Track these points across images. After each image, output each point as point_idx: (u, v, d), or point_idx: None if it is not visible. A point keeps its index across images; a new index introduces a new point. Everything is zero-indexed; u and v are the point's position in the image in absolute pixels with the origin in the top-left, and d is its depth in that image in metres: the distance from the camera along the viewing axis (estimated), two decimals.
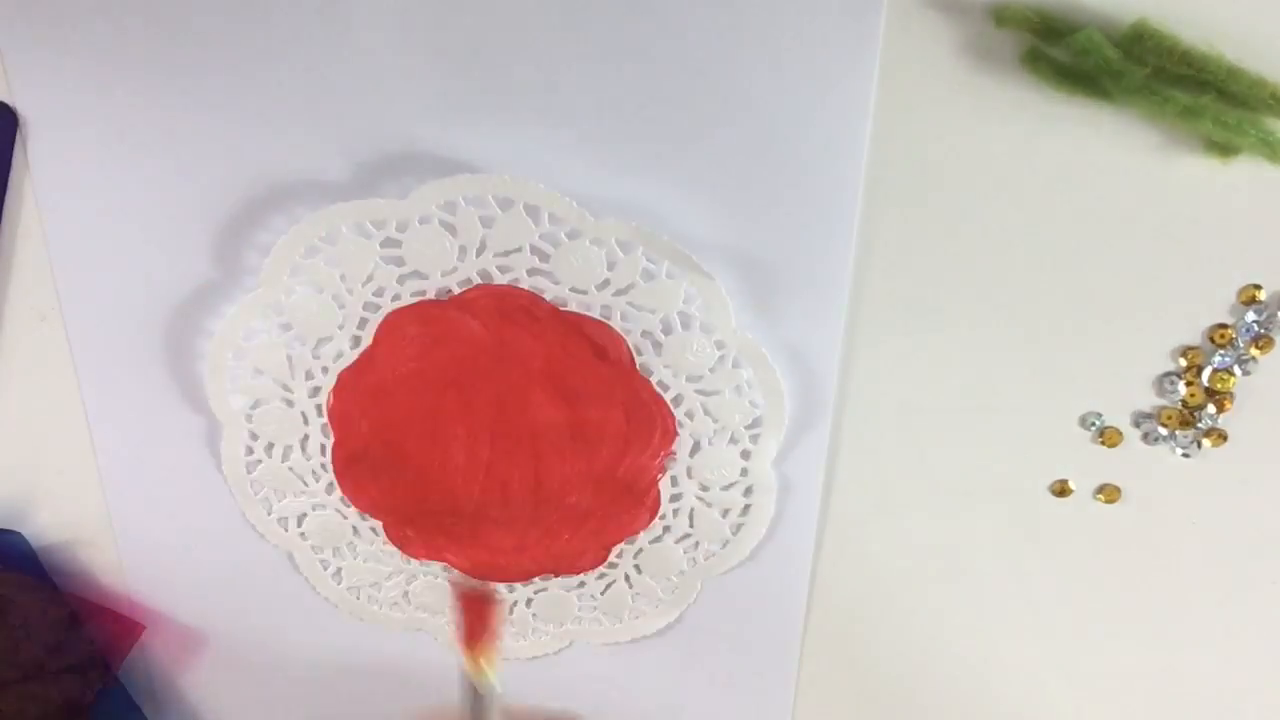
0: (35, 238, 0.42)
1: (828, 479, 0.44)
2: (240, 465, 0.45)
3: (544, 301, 0.40)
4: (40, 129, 0.40)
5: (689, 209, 0.39)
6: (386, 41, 0.38)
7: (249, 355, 0.42)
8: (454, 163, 0.39)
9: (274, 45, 0.38)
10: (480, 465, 0.43)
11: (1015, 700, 0.49)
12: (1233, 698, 0.47)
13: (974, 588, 0.46)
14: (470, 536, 0.45)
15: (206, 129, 0.39)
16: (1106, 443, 0.42)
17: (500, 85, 0.38)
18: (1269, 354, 0.40)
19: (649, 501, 0.44)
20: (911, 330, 0.41)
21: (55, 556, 0.49)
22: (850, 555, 0.46)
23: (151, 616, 0.50)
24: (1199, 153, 0.37)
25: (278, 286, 0.41)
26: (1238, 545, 0.44)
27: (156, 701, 0.53)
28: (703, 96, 0.37)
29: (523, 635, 0.48)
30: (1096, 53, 0.34)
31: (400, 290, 0.41)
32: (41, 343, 0.44)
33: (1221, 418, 0.41)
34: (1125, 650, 0.47)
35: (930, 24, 0.36)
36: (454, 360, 0.42)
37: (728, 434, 0.43)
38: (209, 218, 0.41)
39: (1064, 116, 0.37)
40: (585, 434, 0.43)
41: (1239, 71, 0.34)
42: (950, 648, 0.48)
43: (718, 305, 0.40)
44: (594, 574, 0.46)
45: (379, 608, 0.48)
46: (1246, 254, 0.39)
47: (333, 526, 0.46)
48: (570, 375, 0.42)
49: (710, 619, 0.48)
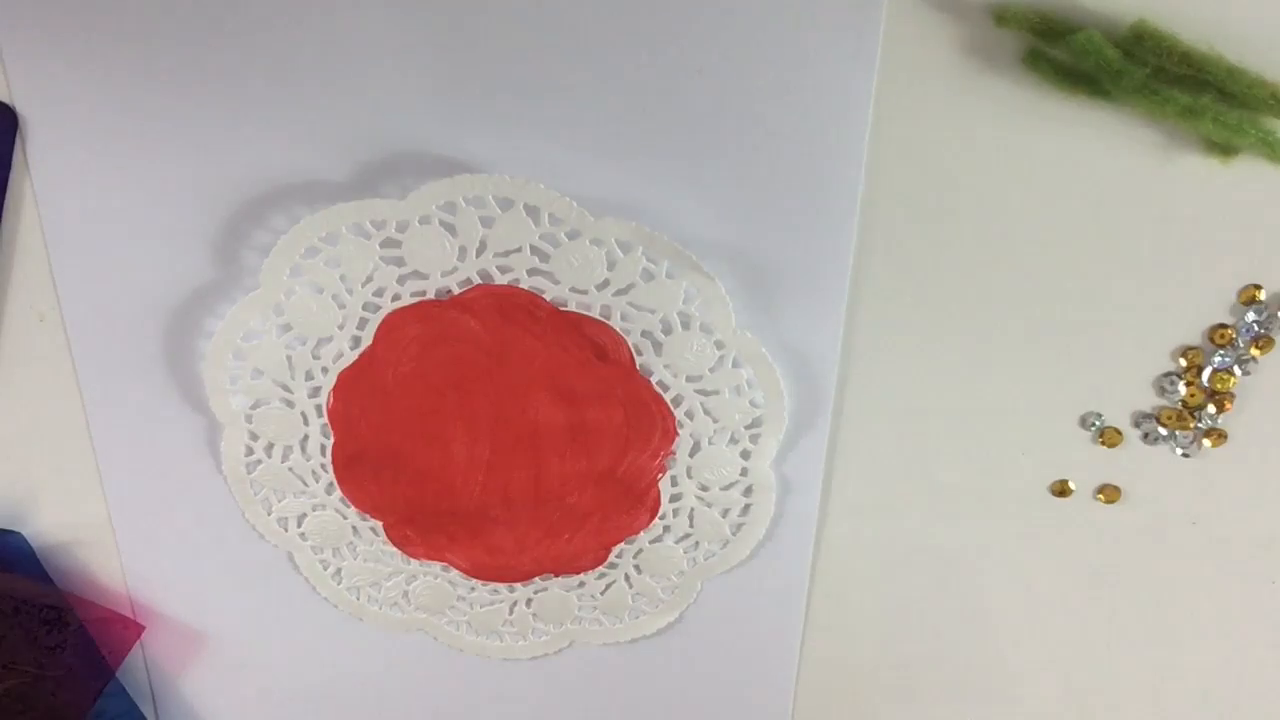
0: (35, 238, 0.42)
1: (828, 479, 0.44)
2: (240, 465, 0.45)
3: (544, 301, 0.40)
4: (40, 129, 0.40)
5: (689, 209, 0.39)
6: (386, 41, 0.38)
7: (249, 356, 0.42)
8: (454, 163, 0.39)
9: (274, 45, 0.38)
10: (480, 465, 0.43)
11: (1015, 700, 0.49)
12: (1233, 697, 0.47)
13: (974, 587, 0.46)
14: (470, 536, 0.45)
15: (206, 129, 0.39)
16: (1106, 443, 0.42)
17: (500, 85, 0.38)
18: (1269, 354, 0.40)
19: (649, 501, 0.44)
20: (911, 330, 0.41)
21: (55, 556, 0.49)
22: (850, 555, 0.46)
23: (151, 616, 0.50)
24: (1199, 153, 0.37)
25: (278, 286, 0.41)
26: (1238, 545, 0.44)
27: (156, 701, 0.53)
28: (703, 97, 0.37)
29: (523, 635, 0.49)
30: (1097, 53, 0.34)
31: (400, 290, 0.41)
32: (41, 343, 0.44)
33: (1221, 418, 0.41)
34: (1125, 650, 0.47)
35: (930, 24, 0.36)
36: (454, 360, 0.42)
37: (728, 434, 0.43)
38: (209, 218, 0.41)
39: (1064, 116, 0.37)
40: (585, 434, 0.43)
41: (1239, 71, 0.34)
42: (950, 647, 0.48)
43: (718, 305, 0.40)
44: (594, 574, 0.46)
45: (379, 608, 0.48)
46: (1246, 254, 0.39)
47: (333, 526, 0.46)
48: (570, 375, 0.42)
49: (710, 619, 0.48)
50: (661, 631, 0.48)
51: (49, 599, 0.48)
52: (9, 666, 0.48)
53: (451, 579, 0.47)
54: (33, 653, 0.48)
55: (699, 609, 0.47)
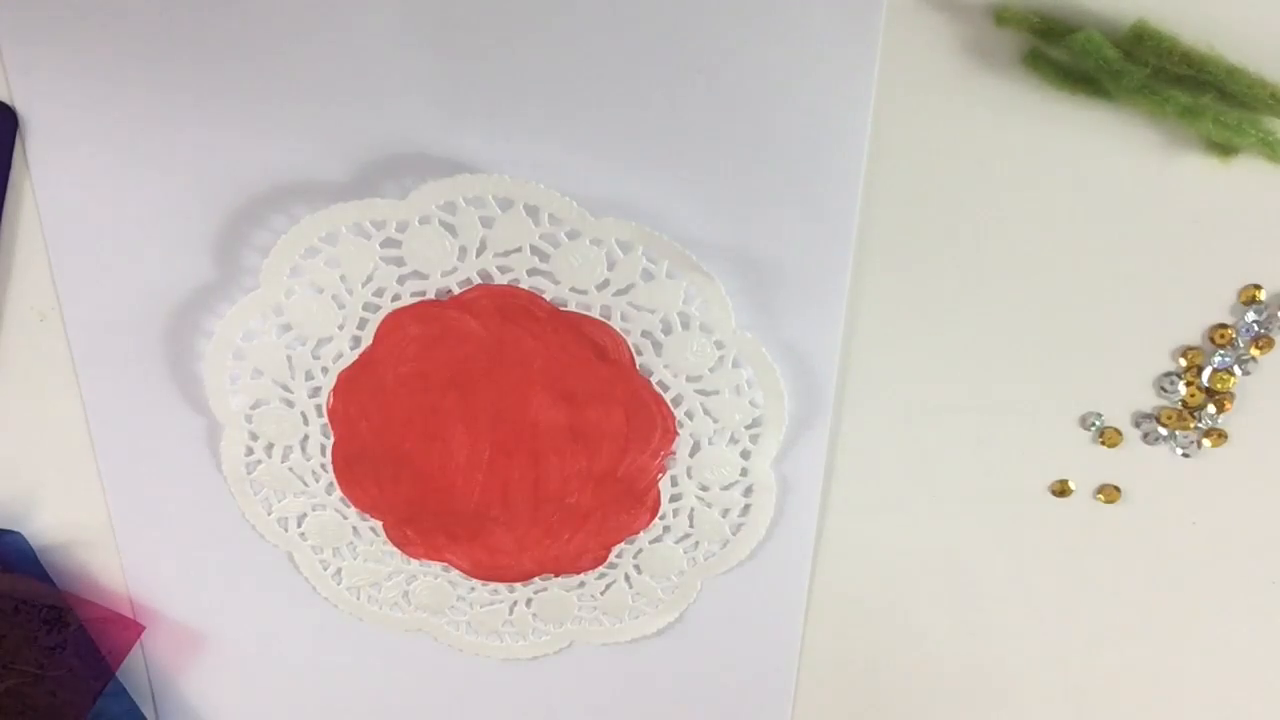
0: (35, 238, 0.42)
1: (828, 479, 0.44)
2: (240, 465, 0.45)
3: (544, 301, 0.40)
4: (40, 129, 0.40)
5: (689, 209, 0.39)
6: (386, 41, 0.38)
7: (249, 355, 0.42)
8: (454, 163, 0.39)
9: (274, 45, 0.38)
10: (480, 465, 0.43)
11: (1015, 700, 0.49)
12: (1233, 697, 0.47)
13: (974, 587, 0.46)
14: (470, 536, 0.45)
15: (206, 129, 0.39)
16: (1106, 443, 0.42)
17: (500, 85, 0.38)
18: (1269, 354, 0.40)
19: (649, 501, 0.44)
20: (911, 330, 0.41)
21: (55, 556, 0.49)
22: (850, 555, 0.46)
23: (151, 616, 0.50)
24: (1199, 153, 0.37)
25: (277, 286, 0.41)
26: (1238, 545, 0.44)
27: (156, 701, 0.53)
28: (703, 96, 0.37)
29: (523, 635, 0.49)
30: (1097, 53, 0.34)
31: (400, 290, 0.41)
32: (41, 343, 0.44)
33: (1221, 418, 0.41)
34: (1125, 650, 0.47)
35: (930, 24, 0.36)
36: (454, 360, 0.42)
37: (728, 434, 0.43)
38: (209, 218, 0.41)
39: (1064, 116, 0.37)
40: (585, 434, 0.43)
41: (1239, 71, 0.34)
42: (950, 647, 0.48)
43: (718, 305, 0.40)
44: (594, 574, 0.46)
45: (379, 608, 0.48)
46: (1246, 254, 0.39)
47: (333, 526, 0.46)
48: (570, 375, 0.42)
49: (710, 619, 0.48)
50: (661, 631, 0.48)
51: (49, 599, 0.48)
52: (9, 666, 0.48)
53: (451, 579, 0.47)
54: (33, 653, 0.48)
55: (699, 609, 0.47)
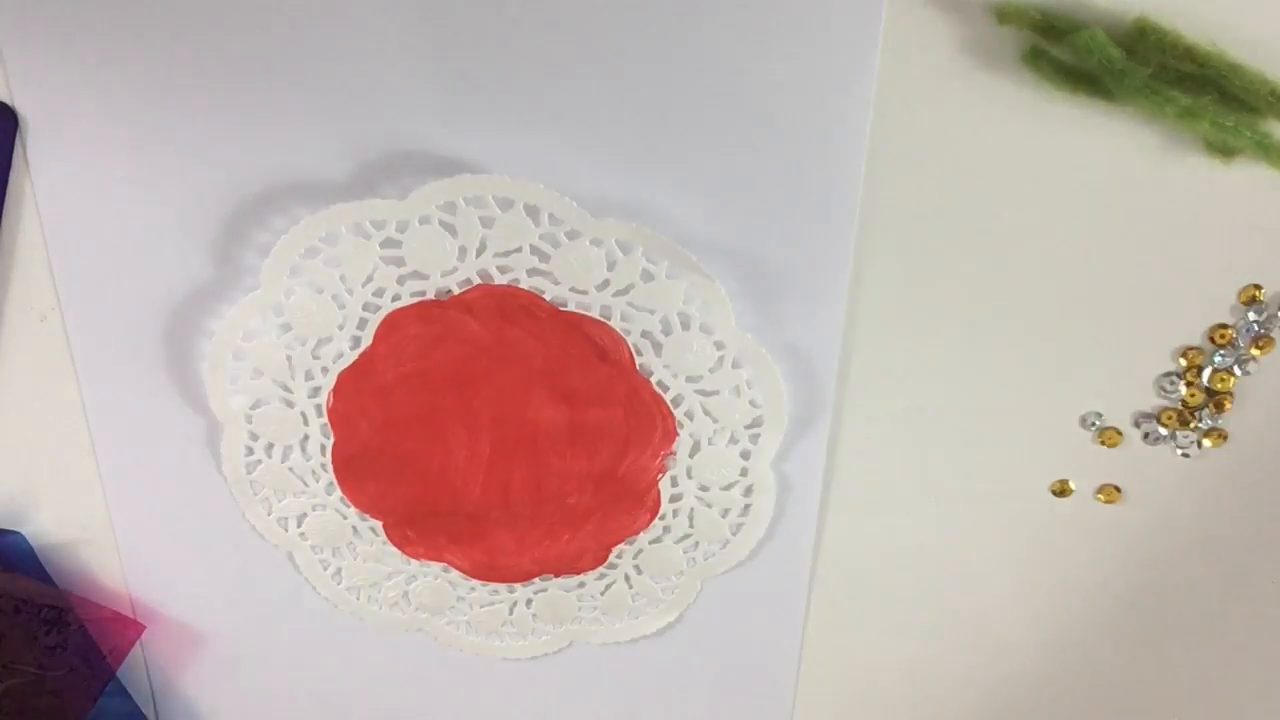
0: (35, 238, 0.42)
1: (828, 479, 0.44)
2: (240, 466, 0.45)
3: (544, 302, 0.40)
4: (40, 129, 0.40)
5: (689, 209, 0.39)
6: (386, 41, 0.38)
7: (249, 356, 0.42)
8: (454, 163, 0.39)
9: (274, 45, 0.38)
10: (480, 465, 0.43)
11: (1015, 700, 0.49)
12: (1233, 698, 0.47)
13: (974, 588, 0.46)
14: (470, 536, 0.45)
15: (206, 129, 0.39)
16: (1106, 443, 0.42)
17: (500, 85, 0.38)
18: (1269, 354, 0.40)
19: (649, 501, 0.44)
20: (911, 330, 0.41)
21: (55, 556, 0.49)
22: (850, 556, 0.46)
23: (151, 616, 0.50)
24: (1200, 153, 0.37)
25: (277, 287, 0.41)
26: (1238, 545, 0.44)
27: (156, 701, 0.53)
28: (703, 96, 0.37)
29: (523, 635, 0.49)
30: (1100, 51, 0.34)
31: (400, 290, 0.41)
32: (41, 343, 0.44)
33: (1221, 418, 0.41)
34: (1124, 650, 0.47)
35: (930, 24, 0.36)
36: (454, 360, 0.42)
37: (728, 434, 0.43)
38: (209, 218, 0.41)
39: (1065, 116, 0.37)
40: (585, 434, 0.43)
41: (1240, 68, 0.34)
42: (950, 647, 0.48)
43: (718, 305, 0.40)
44: (594, 574, 0.46)
45: (379, 608, 0.48)
46: (1246, 254, 0.39)
47: (333, 526, 0.46)
48: (570, 375, 0.42)
49: (710, 619, 0.48)
50: (661, 631, 0.48)
51: (49, 599, 0.48)
52: (9, 666, 0.48)
53: (451, 579, 0.47)
54: (33, 653, 0.48)
55: (699, 609, 0.47)
